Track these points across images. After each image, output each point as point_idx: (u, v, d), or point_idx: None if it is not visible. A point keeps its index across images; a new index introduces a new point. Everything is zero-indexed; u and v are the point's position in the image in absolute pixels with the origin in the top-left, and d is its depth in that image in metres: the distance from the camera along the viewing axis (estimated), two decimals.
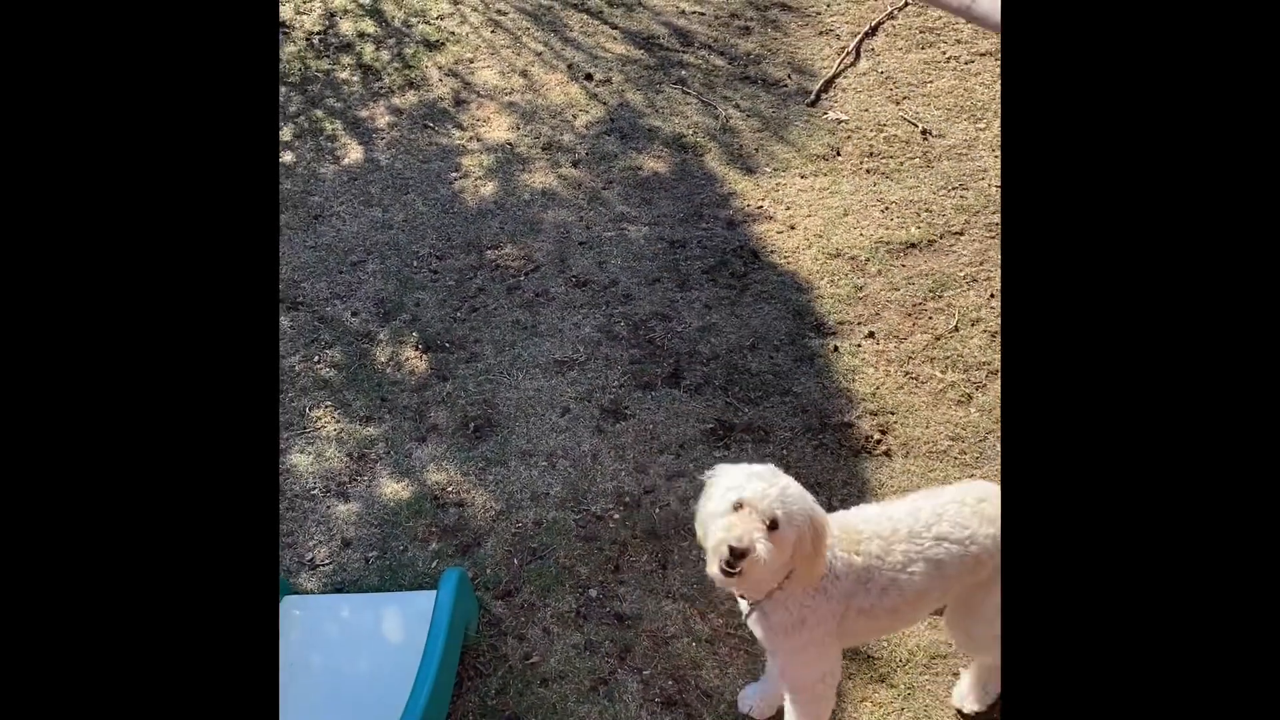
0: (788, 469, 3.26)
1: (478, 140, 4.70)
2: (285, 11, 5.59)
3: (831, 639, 2.26)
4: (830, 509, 3.09)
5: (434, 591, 2.69)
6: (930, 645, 2.78)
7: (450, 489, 3.25)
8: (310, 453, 3.42)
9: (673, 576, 2.98)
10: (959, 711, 2.64)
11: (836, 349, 3.62)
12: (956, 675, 2.71)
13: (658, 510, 3.15)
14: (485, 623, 2.88)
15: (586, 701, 2.69)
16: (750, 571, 2.02)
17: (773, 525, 2.00)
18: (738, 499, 2.04)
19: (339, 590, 3.01)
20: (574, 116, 4.78)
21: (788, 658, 2.30)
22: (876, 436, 3.32)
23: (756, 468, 2.12)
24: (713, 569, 2.07)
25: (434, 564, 3.06)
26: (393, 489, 3.28)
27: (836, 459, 3.27)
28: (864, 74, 4.88)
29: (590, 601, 2.93)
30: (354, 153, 4.68)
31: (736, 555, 1.99)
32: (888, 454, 3.27)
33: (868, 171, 4.37)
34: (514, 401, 3.52)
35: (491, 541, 3.09)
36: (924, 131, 4.51)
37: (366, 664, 2.61)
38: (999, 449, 3.26)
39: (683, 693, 2.71)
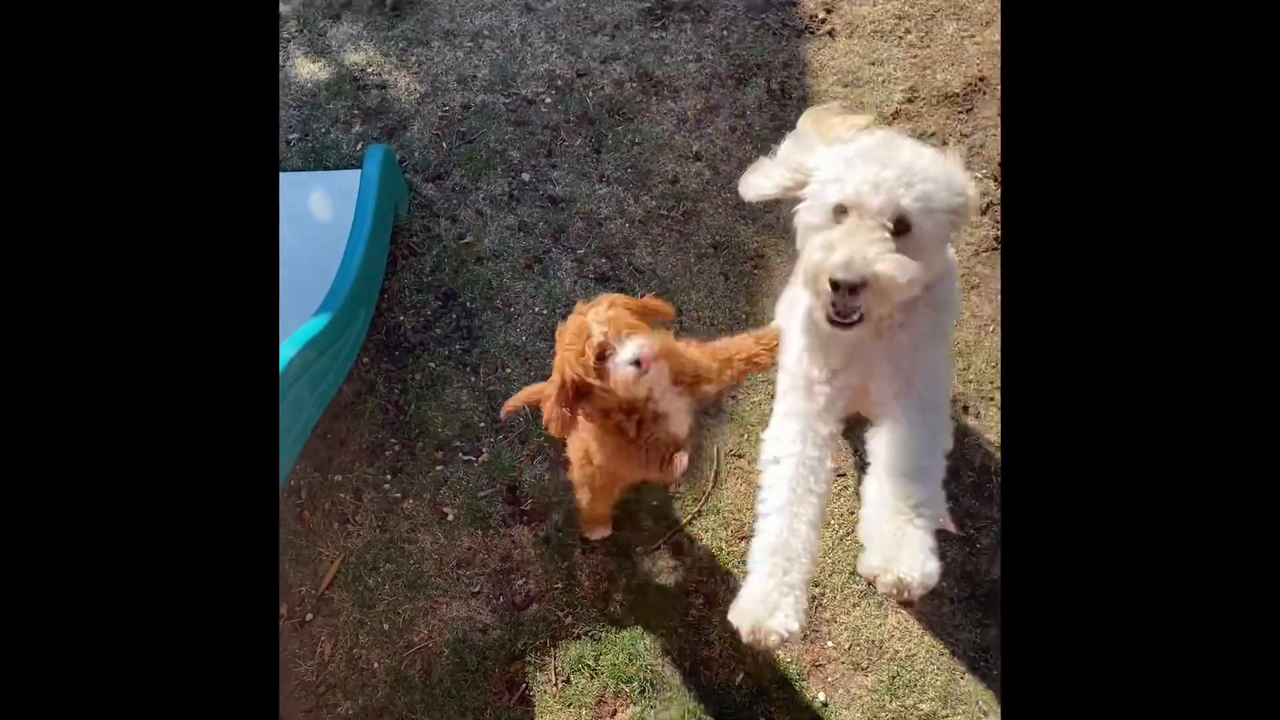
0: (726, 50, 3.13)
1: None
2: None
3: None
4: (770, 91, 3.01)
5: (359, 170, 2.61)
6: None
7: (371, 70, 3.06)
8: None
9: (606, 160, 2.93)
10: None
11: None
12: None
13: (591, 94, 3.03)
14: (416, 204, 2.84)
15: (521, 278, 2.75)
16: (877, 307, 1.41)
17: (901, 226, 1.38)
18: (838, 200, 1.41)
19: None
20: None
21: (929, 365, 1.63)
22: (821, 15, 3.15)
23: (863, 140, 1.48)
24: (819, 315, 1.47)
25: (358, 146, 2.95)
26: (309, 69, 3.08)
27: (778, 39, 3.11)
28: None
29: (523, 185, 2.89)
30: None
31: (845, 289, 1.35)
32: (831, 34, 3.12)
33: None
34: None
35: (418, 124, 2.97)
36: None
37: (294, 240, 2.59)
38: (947, 29, 3.13)
39: (615, 269, 2.77)
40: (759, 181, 1.61)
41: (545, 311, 2.69)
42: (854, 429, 2.20)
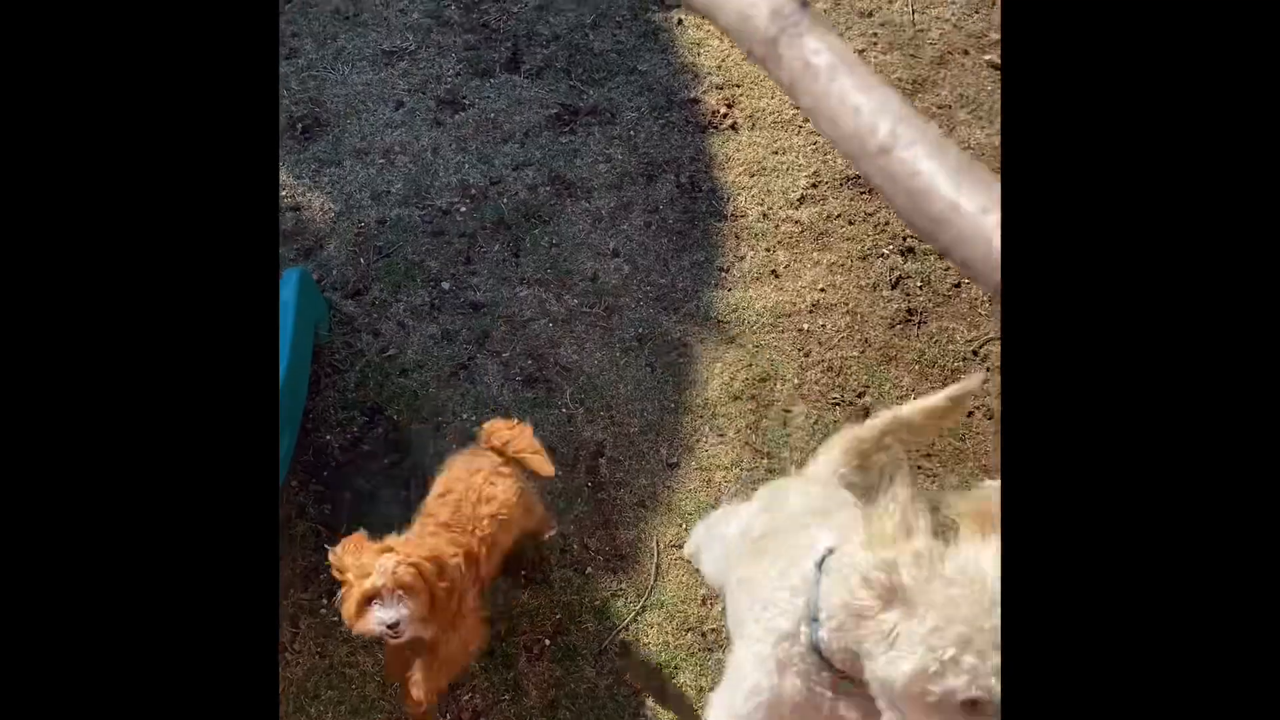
0: (634, 150, 3.22)
1: None
2: None
3: None
4: (679, 185, 3.09)
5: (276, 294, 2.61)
6: (776, 305, 2.90)
7: (284, 193, 3.08)
8: None
9: (525, 263, 2.97)
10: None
11: (681, 22, 3.47)
12: (801, 330, 2.85)
13: (505, 200, 3.08)
14: (337, 322, 2.84)
15: (448, 386, 2.74)
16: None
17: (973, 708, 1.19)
18: (970, 695, 1.18)
19: None
20: None
21: None
22: (723, 110, 3.27)
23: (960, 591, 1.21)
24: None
25: None
26: None
27: (684, 135, 3.22)
28: None
29: (443, 294, 2.91)
30: None
31: None
32: (734, 127, 3.24)
33: None
34: (342, 98, 3.29)
35: (334, 243, 2.99)
36: None
37: None
38: None
39: (542, 370, 2.79)
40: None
41: (473, 418, 2.68)
42: None
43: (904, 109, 0.48)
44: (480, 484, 2.10)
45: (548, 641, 2.37)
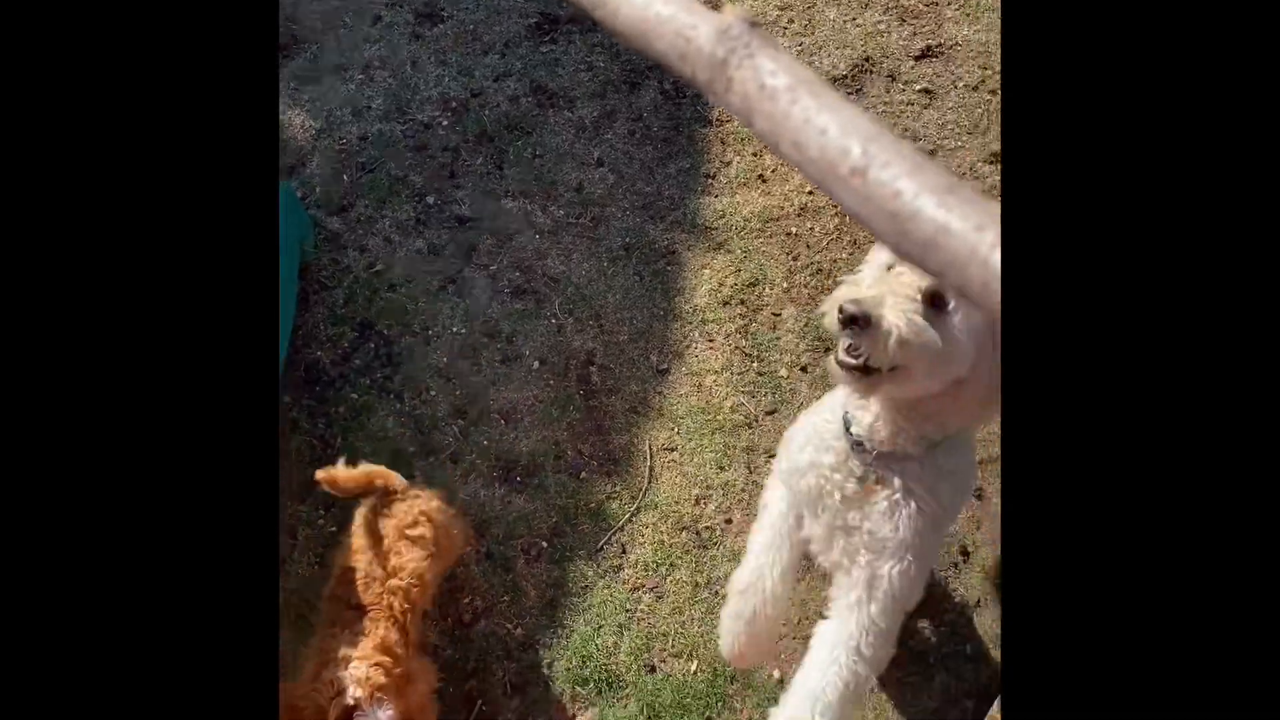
0: (617, 58, 3.17)
1: None
2: None
3: None
4: (664, 92, 3.06)
5: None
6: (763, 210, 2.88)
7: None
8: None
9: (509, 175, 2.95)
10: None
11: None
12: (790, 234, 2.84)
13: (487, 112, 3.04)
14: (322, 239, 2.82)
15: (436, 300, 2.74)
16: (877, 353, 1.26)
17: (938, 301, 1.27)
18: (890, 259, 1.34)
19: None
20: None
21: (915, 556, 1.46)
22: None
23: None
24: (834, 359, 1.33)
25: None
26: None
27: None
28: None
29: (429, 208, 2.89)
30: None
31: (847, 318, 1.25)
32: None
33: None
34: (319, 14, 3.22)
35: (316, 160, 2.96)
36: None
37: None
38: (829, 14, 3.21)
39: (530, 281, 2.78)
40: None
41: (464, 331, 2.68)
42: None
43: (873, 128, 0.46)
44: (387, 555, 1.99)
45: (545, 544, 2.41)
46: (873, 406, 1.42)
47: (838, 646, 1.46)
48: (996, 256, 0.39)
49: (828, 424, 1.51)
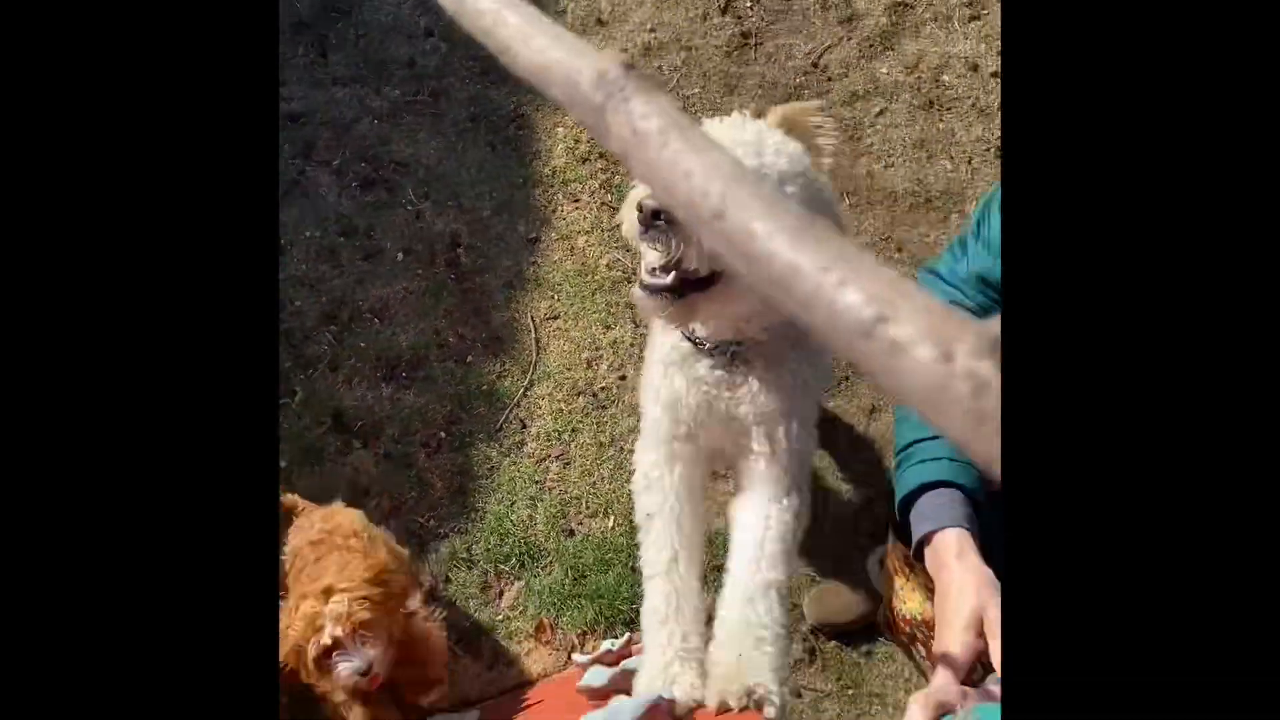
0: None
1: None
2: None
3: None
4: None
5: None
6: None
7: None
8: None
9: (335, 61, 2.76)
10: None
11: None
12: None
13: None
14: None
15: (284, 206, 2.59)
16: (690, 254, 1.19)
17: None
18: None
19: None
20: None
21: (793, 429, 1.45)
22: None
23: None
24: (637, 285, 1.27)
25: None
26: None
27: None
28: None
29: None
30: None
31: (656, 217, 1.17)
32: None
33: None
34: None
35: None
36: None
37: None
38: None
39: (378, 170, 2.65)
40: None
41: (318, 233, 2.55)
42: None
43: (735, 170, 0.44)
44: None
45: (443, 434, 2.38)
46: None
47: (760, 508, 1.46)
48: (842, 296, 0.38)
49: (676, 348, 1.45)
